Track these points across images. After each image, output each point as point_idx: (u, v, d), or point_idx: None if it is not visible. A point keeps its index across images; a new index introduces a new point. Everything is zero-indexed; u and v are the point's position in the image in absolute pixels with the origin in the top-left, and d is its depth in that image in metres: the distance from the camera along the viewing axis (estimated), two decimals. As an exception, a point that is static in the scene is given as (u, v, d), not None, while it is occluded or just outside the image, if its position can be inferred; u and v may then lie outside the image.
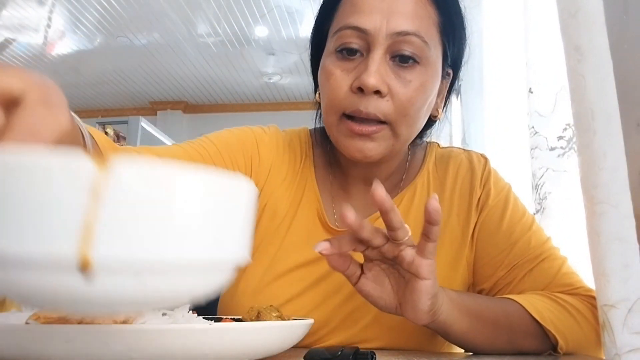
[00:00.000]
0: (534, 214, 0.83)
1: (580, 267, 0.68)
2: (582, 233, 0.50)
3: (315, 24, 0.71)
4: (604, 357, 0.63)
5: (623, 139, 0.46)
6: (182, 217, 0.21)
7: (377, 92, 0.60)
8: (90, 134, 0.47)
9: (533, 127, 0.79)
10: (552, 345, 0.61)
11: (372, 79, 0.59)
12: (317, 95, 0.72)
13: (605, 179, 0.46)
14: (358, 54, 0.62)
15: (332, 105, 0.63)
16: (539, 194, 0.79)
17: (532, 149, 0.79)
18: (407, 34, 0.60)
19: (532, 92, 0.80)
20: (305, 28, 4.17)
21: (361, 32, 0.61)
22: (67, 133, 0.29)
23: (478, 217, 0.70)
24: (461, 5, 0.69)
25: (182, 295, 0.22)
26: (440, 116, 0.72)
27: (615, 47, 0.48)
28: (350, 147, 0.63)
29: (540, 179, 0.78)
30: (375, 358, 0.48)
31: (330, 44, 0.65)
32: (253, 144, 0.73)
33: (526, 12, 0.83)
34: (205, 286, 0.22)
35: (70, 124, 0.30)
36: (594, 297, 0.65)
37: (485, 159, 0.75)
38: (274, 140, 0.75)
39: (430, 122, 0.73)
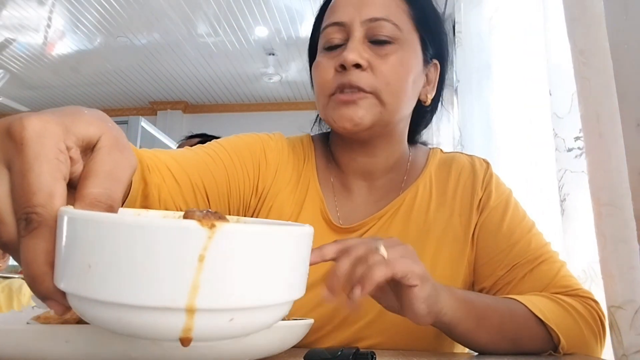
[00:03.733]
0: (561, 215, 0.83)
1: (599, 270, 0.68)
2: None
3: (310, 39, 0.78)
4: (601, 357, 0.64)
5: (623, 139, 0.46)
6: (265, 271, 0.25)
7: (358, 67, 0.66)
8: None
9: (553, 129, 0.79)
10: (553, 346, 0.62)
11: (350, 55, 0.65)
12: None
13: (610, 181, 0.46)
14: (342, 47, 0.69)
15: (321, 89, 0.69)
16: (560, 196, 0.79)
17: (555, 150, 0.79)
18: (377, 19, 0.67)
19: (551, 94, 0.80)
20: (305, 28, 4.16)
21: (339, 25, 0.69)
22: (135, 170, 0.32)
23: (479, 218, 0.72)
24: (438, 9, 0.76)
25: (260, 327, 0.26)
26: (428, 102, 0.75)
27: (615, 47, 0.48)
28: (341, 117, 0.67)
29: (560, 180, 0.78)
30: (375, 358, 0.48)
31: (319, 46, 0.72)
32: (261, 149, 0.75)
33: (545, 12, 0.83)
34: (276, 318, 0.27)
35: (137, 162, 0.32)
36: (592, 299, 0.66)
37: (487, 163, 0.78)
38: (279, 145, 0.77)
39: (424, 112, 0.77)
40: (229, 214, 0.69)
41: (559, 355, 0.62)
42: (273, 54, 4.67)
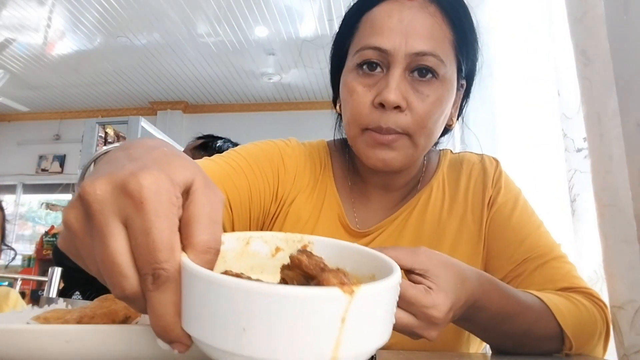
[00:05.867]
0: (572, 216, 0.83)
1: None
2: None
3: (335, 41, 0.75)
4: (603, 358, 0.63)
5: (623, 139, 0.46)
6: (385, 316, 0.30)
7: (397, 107, 0.63)
8: None
9: (562, 129, 0.79)
10: (560, 348, 0.61)
11: (392, 95, 0.62)
12: (337, 107, 0.75)
13: (611, 182, 0.46)
14: (378, 69, 0.66)
15: (354, 119, 0.67)
16: (570, 197, 0.79)
17: (564, 151, 0.79)
18: (424, 54, 0.63)
19: (559, 95, 0.80)
20: (305, 28, 4.17)
21: (381, 52, 0.64)
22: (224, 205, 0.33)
23: (489, 214, 0.73)
24: (474, 20, 0.71)
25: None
26: (454, 125, 0.75)
27: (615, 47, 0.48)
28: (373, 156, 0.66)
29: (570, 181, 0.78)
30: (375, 358, 0.48)
31: (351, 62, 0.68)
32: (279, 156, 0.76)
33: (551, 14, 0.82)
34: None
35: (224, 196, 0.33)
36: (602, 301, 0.65)
37: (497, 161, 0.79)
38: (296, 151, 0.78)
39: (445, 130, 0.76)
40: (250, 221, 0.71)
41: (561, 355, 0.62)
42: (273, 54, 4.67)
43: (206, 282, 0.27)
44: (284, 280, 0.35)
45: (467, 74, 0.73)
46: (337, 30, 0.74)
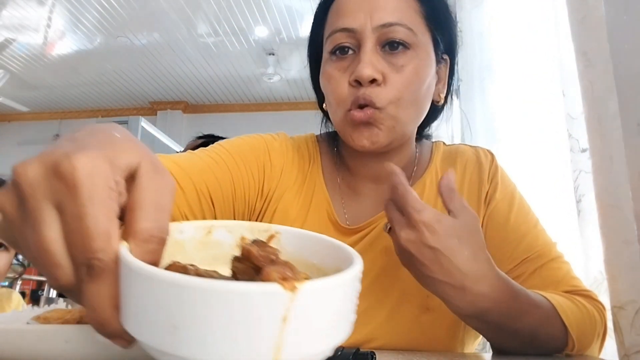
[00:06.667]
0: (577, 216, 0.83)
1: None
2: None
3: (309, 41, 0.76)
4: (598, 357, 0.64)
5: (623, 140, 0.46)
6: (337, 317, 0.27)
7: (374, 81, 0.63)
8: None
9: (567, 129, 0.78)
10: (563, 349, 0.61)
11: (366, 70, 0.62)
12: (324, 105, 0.74)
13: (612, 183, 0.46)
14: (350, 52, 0.66)
15: (337, 103, 0.67)
16: (576, 197, 0.78)
17: (569, 151, 0.79)
18: (391, 24, 0.64)
19: (564, 95, 0.80)
20: (306, 28, 4.16)
21: (349, 31, 0.66)
22: (175, 193, 0.32)
23: (486, 211, 0.72)
24: None
25: None
26: (441, 101, 0.74)
27: (615, 48, 0.48)
28: (358, 136, 0.66)
29: (575, 181, 0.78)
30: (375, 358, 0.48)
31: (325, 51, 0.69)
32: (265, 150, 0.74)
33: (556, 14, 0.82)
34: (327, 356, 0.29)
35: (175, 183, 0.32)
36: (601, 302, 0.65)
37: (492, 154, 0.77)
38: (284, 146, 0.77)
39: (434, 111, 0.75)
40: (234, 218, 0.69)
41: (562, 355, 0.62)
42: (273, 54, 4.67)
43: (136, 274, 0.25)
44: (233, 273, 0.32)
45: (447, 48, 0.72)
46: (310, 30, 0.75)
